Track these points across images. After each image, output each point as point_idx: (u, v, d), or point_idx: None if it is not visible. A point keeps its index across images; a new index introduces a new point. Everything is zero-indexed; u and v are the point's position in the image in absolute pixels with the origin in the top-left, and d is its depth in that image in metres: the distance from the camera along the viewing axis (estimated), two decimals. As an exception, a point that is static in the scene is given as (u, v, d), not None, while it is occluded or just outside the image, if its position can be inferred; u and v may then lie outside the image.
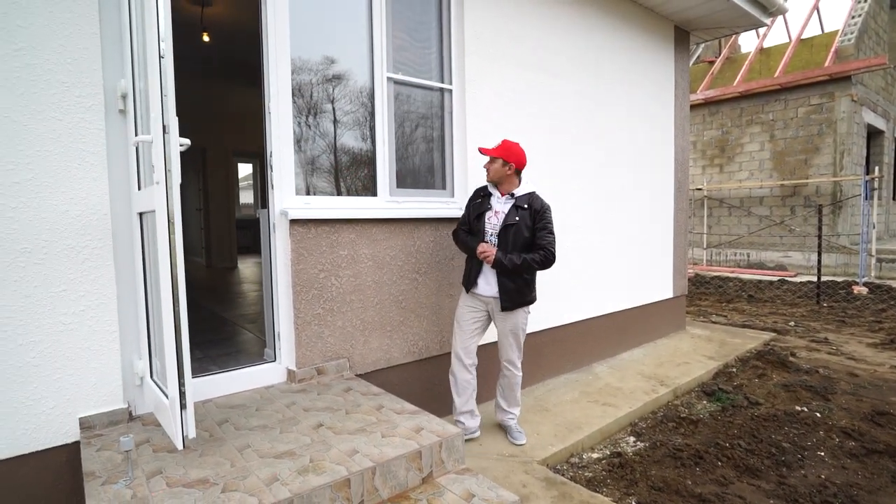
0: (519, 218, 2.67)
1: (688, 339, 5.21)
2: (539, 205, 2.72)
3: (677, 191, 5.31)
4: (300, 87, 2.68)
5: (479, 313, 2.85)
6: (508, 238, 2.67)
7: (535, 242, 2.70)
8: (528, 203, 2.71)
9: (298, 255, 2.58)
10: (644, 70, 4.73)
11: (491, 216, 2.75)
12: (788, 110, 10.32)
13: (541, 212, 2.71)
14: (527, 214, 2.69)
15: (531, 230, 2.70)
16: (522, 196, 2.73)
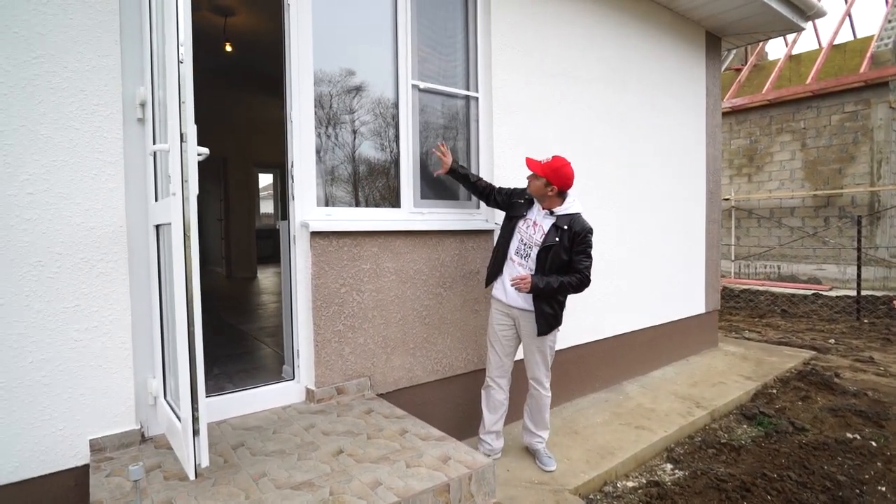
0: (559, 239, 2.53)
1: (722, 357, 4.96)
2: (580, 227, 2.56)
3: (709, 201, 5.09)
4: (322, 97, 2.60)
5: (511, 330, 2.72)
6: (546, 260, 2.54)
7: (572, 265, 2.56)
8: (568, 224, 2.55)
9: (319, 269, 2.47)
10: (674, 77, 4.56)
11: (528, 226, 2.63)
12: (821, 118, 9.97)
13: (581, 235, 2.55)
14: (566, 236, 2.54)
15: (569, 252, 2.55)
16: (564, 216, 2.58)
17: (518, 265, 2.63)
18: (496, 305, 2.75)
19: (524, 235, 2.63)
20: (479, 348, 3.14)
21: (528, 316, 2.63)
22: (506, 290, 2.67)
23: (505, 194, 2.82)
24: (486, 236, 3.15)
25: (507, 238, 2.68)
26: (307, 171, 2.50)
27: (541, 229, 2.59)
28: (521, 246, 2.63)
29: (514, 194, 2.78)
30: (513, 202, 2.75)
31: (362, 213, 2.70)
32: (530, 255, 2.59)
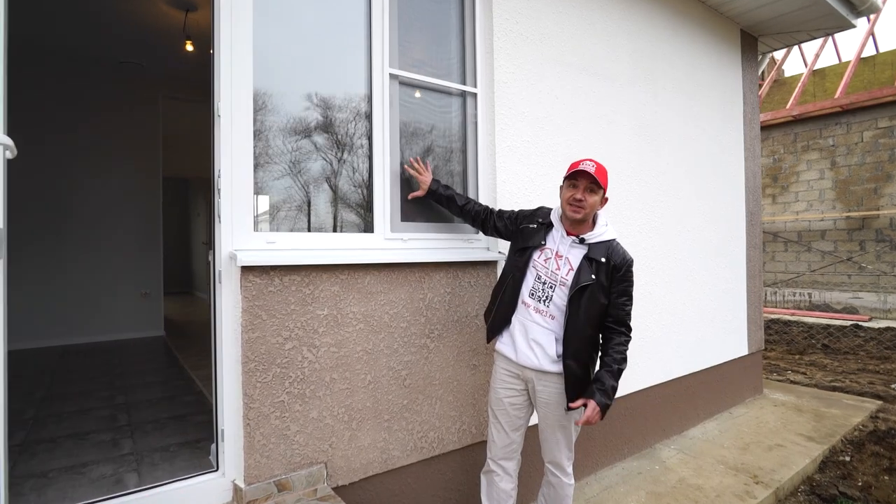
0: (595, 276, 1.86)
1: (771, 409, 4.17)
2: (621, 259, 1.90)
3: (749, 223, 4.38)
4: (265, 87, 1.95)
5: (522, 397, 2.01)
6: (581, 305, 1.85)
7: (611, 313, 1.89)
8: (606, 255, 1.89)
9: (253, 318, 1.78)
10: (707, 80, 3.91)
11: (547, 259, 1.95)
12: (852, 134, 9.27)
13: (623, 270, 1.90)
14: (604, 272, 1.87)
15: (607, 293, 1.88)
16: (599, 245, 1.91)
17: (535, 311, 1.94)
18: (502, 365, 2.05)
19: (543, 271, 1.94)
20: (479, 414, 2.41)
21: (551, 381, 1.93)
22: (515, 345, 1.97)
23: (509, 218, 2.15)
24: (487, 269, 2.46)
25: (518, 276, 1.99)
26: (241, 183, 1.84)
27: (567, 263, 1.91)
28: (539, 286, 1.94)
29: (523, 217, 2.11)
30: (522, 228, 2.07)
31: (319, 241, 2.02)
32: (551, 298, 1.91)
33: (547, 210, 2.09)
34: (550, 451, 2.02)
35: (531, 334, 1.94)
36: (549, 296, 1.92)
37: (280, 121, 1.97)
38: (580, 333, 1.87)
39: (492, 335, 2.08)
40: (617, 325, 1.91)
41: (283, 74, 1.99)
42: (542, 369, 1.92)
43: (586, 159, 1.91)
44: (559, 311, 1.91)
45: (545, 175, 2.69)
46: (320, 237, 2.02)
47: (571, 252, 1.92)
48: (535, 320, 1.93)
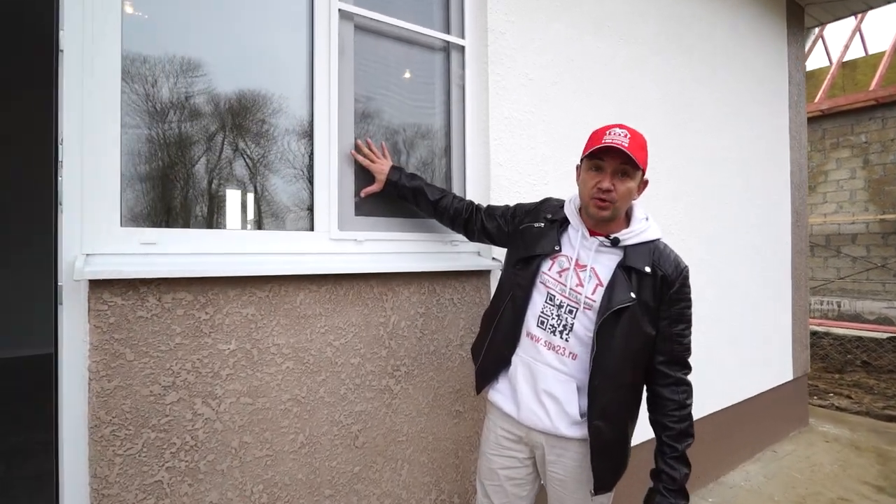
0: (636, 294, 1.24)
1: (822, 445, 3.50)
2: (673, 267, 1.29)
3: (795, 226, 3.72)
4: (148, 7, 1.34)
5: (526, 469, 1.40)
6: (616, 337, 1.24)
7: (662, 347, 1.30)
8: (651, 263, 1.27)
9: (110, 359, 1.17)
10: (749, 54, 3.26)
11: (562, 270, 1.33)
12: (887, 130, 8.54)
13: (678, 284, 1.29)
14: (649, 287, 1.26)
15: (655, 320, 1.27)
16: (639, 247, 1.29)
17: (546, 348, 1.32)
18: (498, 423, 1.43)
19: (557, 289, 1.32)
20: (464, 478, 1.79)
21: (569, 449, 1.32)
22: (518, 397, 1.35)
23: (503, 216, 1.54)
24: (477, 282, 1.84)
25: (521, 296, 1.36)
26: (99, 153, 1.23)
27: (593, 276, 1.29)
28: (552, 311, 1.32)
29: (523, 214, 1.50)
30: (523, 228, 1.45)
31: (227, 242, 1.40)
32: (571, 329, 1.29)
33: (557, 202, 1.47)
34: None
35: (541, 382, 1.31)
36: (568, 325, 1.29)
37: (172, 62, 1.36)
38: (615, 380, 1.25)
39: (483, 382, 1.46)
40: (671, 365, 1.30)
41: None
42: (556, 433, 1.30)
43: (614, 126, 1.26)
44: (583, 346, 1.29)
45: (553, 157, 2.07)
46: (229, 237, 1.40)
47: (599, 260, 1.30)
48: (548, 361, 1.31)
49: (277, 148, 1.52)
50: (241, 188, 1.47)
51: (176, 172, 1.36)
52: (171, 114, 1.35)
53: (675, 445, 1.28)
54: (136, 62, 1.30)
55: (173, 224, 1.35)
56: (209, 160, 1.41)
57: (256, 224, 1.49)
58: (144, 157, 1.31)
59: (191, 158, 1.38)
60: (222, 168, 1.44)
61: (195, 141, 1.39)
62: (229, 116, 1.44)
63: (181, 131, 1.37)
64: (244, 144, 1.47)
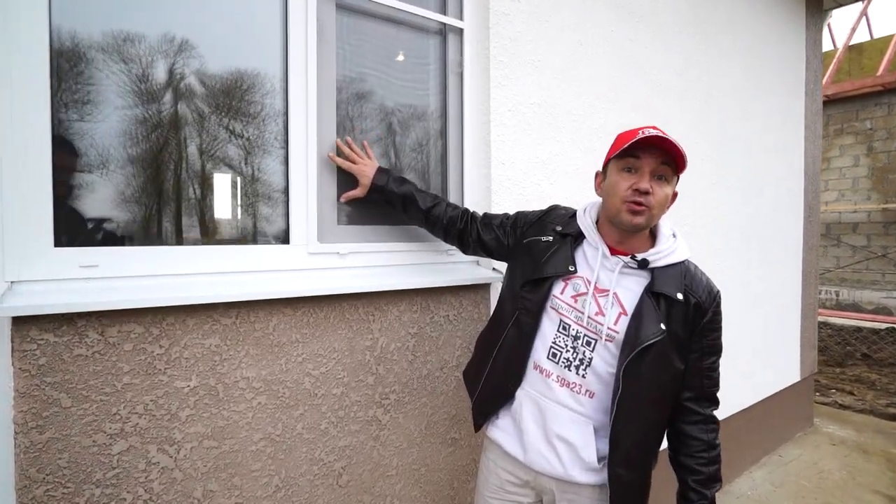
0: (665, 326, 1.06)
1: (828, 448, 3.39)
2: (706, 293, 1.12)
3: (807, 220, 3.55)
4: None
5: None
6: (643, 375, 1.06)
7: (691, 383, 1.14)
8: (684, 290, 1.10)
9: (41, 407, 0.99)
10: (768, 37, 3.04)
11: (577, 294, 1.14)
12: (893, 116, 8.35)
13: (711, 313, 1.12)
14: (680, 316, 1.09)
15: (685, 353, 1.10)
16: (669, 269, 1.11)
17: (559, 385, 1.14)
18: (500, 463, 1.25)
19: (572, 317, 1.14)
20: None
21: (584, 496, 1.16)
22: (524, 438, 1.17)
23: (501, 227, 1.34)
24: (475, 296, 1.65)
25: (529, 323, 1.18)
26: (27, 158, 1.02)
27: (616, 303, 1.11)
28: (566, 342, 1.14)
29: (526, 224, 1.30)
30: (528, 242, 1.25)
31: (185, 260, 1.20)
32: (589, 364, 1.12)
33: (566, 212, 1.27)
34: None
35: (553, 424, 1.13)
36: (586, 359, 1.12)
37: (115, 38, 1.14)
38: (641, 423, 1.10)
39: (481, 419, 1.28)
40: (700, 402, 1.14)
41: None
42: (569, 479, 1.13)
43: (648, 126, 1.07)
44: (603, 384, 1.12)
45: (563, 154, 1.87)
46: (187, 254, 1.20)
47: (622, 283, 1.12)
48: (561, 400, 1.13)
49: (249, 156, 1.31)
50: (204, 196, 1.26)
51: (125, 179, 1.16)
52: (113, 123, 1.14)
53: (703, 492, 1.13)
54: (76, 69, 1.08)
55: (125, 241, 1.14)
56: (165, 164, 1.21)
57: (221, 238, 1.29)
58: (85, 168, 1.10)
59: (143, 162, 1.18)
60: (181, 173, 1.23)
61: (147, 142, 1.18)
62: (191, 110, 1.23)
63: (128, 129, 1.16)
64: (209, 151, 1.26)
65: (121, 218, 1.15)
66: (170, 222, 1.21)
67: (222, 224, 1.29)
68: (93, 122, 1.11)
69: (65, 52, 1.07)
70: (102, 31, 1.11)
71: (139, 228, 1.17)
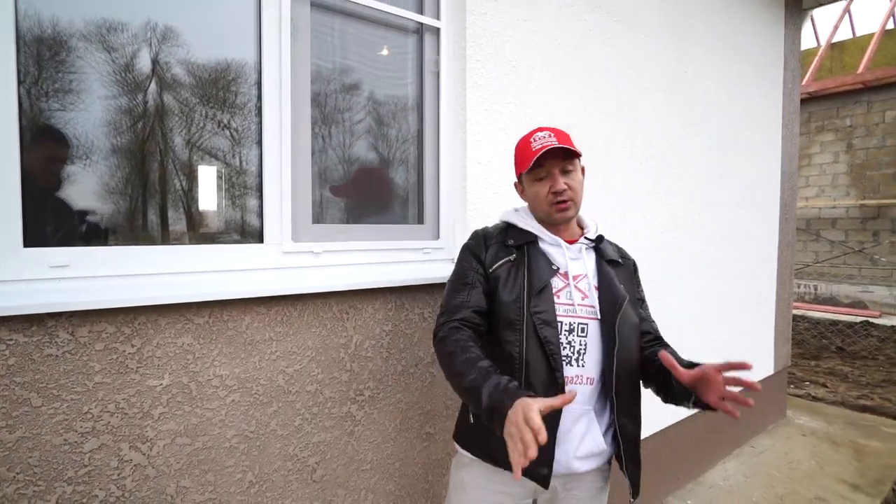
0: (623, 286, 1.23)
1: (799, 440, 3.50)
2: (630, 257, 1.37)
3: (783, 217, 3.63)
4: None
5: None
6: (624, 334, 1.17)
7: (648, 328, 1.32)
8: (620, 255, 1.32)
9: (12, 406, 0.99)
10: (747, 37, 3.08)
11: (557, 288, 1.19)
12: (872, 114, 8.51)
13: (636, 270, 1.36)
14: (625, 276, 1.27)
15: (637, 307, 1.29)
16: (605, 243, 1.29)
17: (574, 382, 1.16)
18: (494, 478, 1.21)
19: (568, 314, 1.17)
20: (435, 501, 1.67)
21: (584, 481, 1.22)
22: None
23: (471, 285, 1.21)
24: (450, 292, 1.67)
25: (552, 333, 1.14)
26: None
27: (589, 283, 1.20)
28: (561, 339, 1.15)
29: (475, 255, 1.24)
30: (495, 272, 1.21)
31: (157, 261, 1.21)
32: (585, 351, 1.17)
33: (495, 228, 1.29)
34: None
35: (559, 425, 1.14)
36: (583, 348, 1.16)
37: (89, 42, 1.14)
38: (631, 370, 1.21)
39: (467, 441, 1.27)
40: (659, 339, 1.31)
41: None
42: (573, 472, 1.17)
43: (535, 132, 1.21)
44: (595, 364, 1.17)
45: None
46: (159, 254, 1.21)
47: (587, 264, 1.23)
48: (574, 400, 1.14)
49: (222, 152, 1.32)
50: (177, 196, 1.26)
51: (97, 179, 1.16)
52: (84, 117, 1.13)
53: None
54: (44, 57, 1.07)
55: (90, 241, 1.15)
56: (136, 161, 1.21)
57: (194, 237, 1.29)
58: (53, 167, 1.10)
59: (116, 163, 1.18)
60: (156, 172, 1.23)
61: (119, 137, 1.18)
62: (160, 105, 1.23)
63: (106, 133, 1.16)
64: (178, 149, 1.26)
65: (92, 218, 1.16)
66: (142, 222, 1.21)
67: (195, 223, 1.30)
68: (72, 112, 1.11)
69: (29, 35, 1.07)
70: (71, 16, 1.11)
71: (110, 228, 1.18)
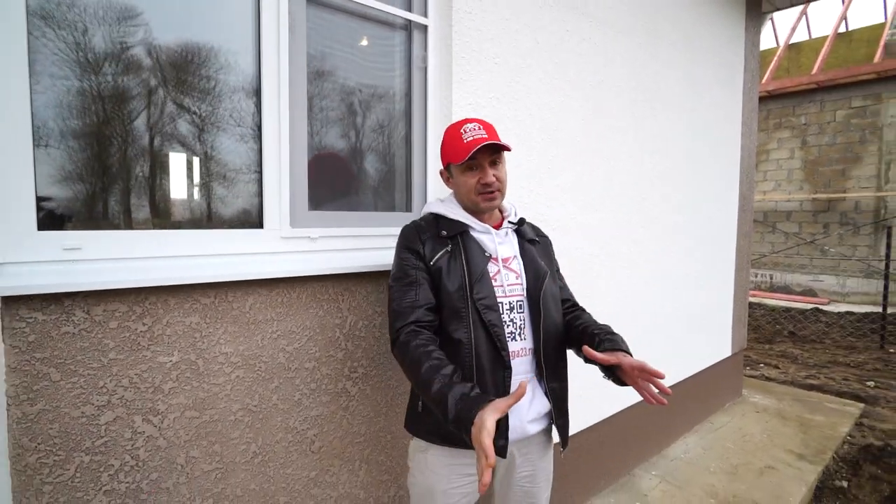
0: (542, 261, 1.37)
1: (753, 416, 3.77)
2: (545, 234, 1.51)
3: (741, 209, 3.87)
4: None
5: (471, 481, 1.35)
6: (549, 297, 1.32)
7: (566, 296, 1.47)
8: (536, 233, 1.46)
9: (32, 381, 1.05)
10: (709, 39, 3.27)
11: (497, 271, 1.30)
12: (825, 113, 9.00)
13: (551, 244, 1.50)
14: (542, 252, 1.42)
15: (555, 277, 1.42)
16: (527, 225, 1.46)
17: (518, 360, 1.27)
18: (457, 460, 1.28)
19: (505, 294, 1.29)
20: (422, 472, 1.78)
21: (534, 442, 1.36)
22: None
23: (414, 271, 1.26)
24: (436, 276, 1.78)
25: (496, 317, 1.24)
26: (7, 141, 1.06)
27: (518, 263, 1.34)
28: (505, 318, 1.27)
29: (414, 251, 1.28)
30: (436, 265, 1.25)
31: (163, 243, 1.27)
32: (525, 324, 1.30)
33: (426, 221, 1.33)
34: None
35: None
36: (525, 322, 1.30)
37: (99, 39, 1.18)
38: (556, 337, 1.33)
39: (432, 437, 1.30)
40: (576, 305, 1.47)
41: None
42: (526, 434, 1.29)
43: (464, 122, 1.30)
44: (530, 334, 1.30)
45: (521, 146, 2.01)
46: (167, 238, 1.27)
47: (513, 247, 1.36)
48: (517, 371, 1.27)
49: (223, 142, 1.38)
50: (182, 183, 1.33)
51: (104, 169, 1.21)
52: (91, 109, 1.18)
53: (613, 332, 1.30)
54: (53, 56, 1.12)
55: (104, 226, 1.20)
56: (142, 154, 1.26)
57: (199, 223, 1.36)
58: (64, 154, 1.15)
59: (119, 148, 1.23)
60: (157, 163, 1.29)
61: (122, 127, 1.23)
62: (166, 96, 1.29)
63: (106, 112, 1.21)
64: (185, 139, 1.32)
65: (102, 203, 1.21)
66: (150, 208, 1.27)
67: (201, 209, 1.36)
68: (78, 94, 1.16)
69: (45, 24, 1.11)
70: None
71: (120, 213, 1.23)
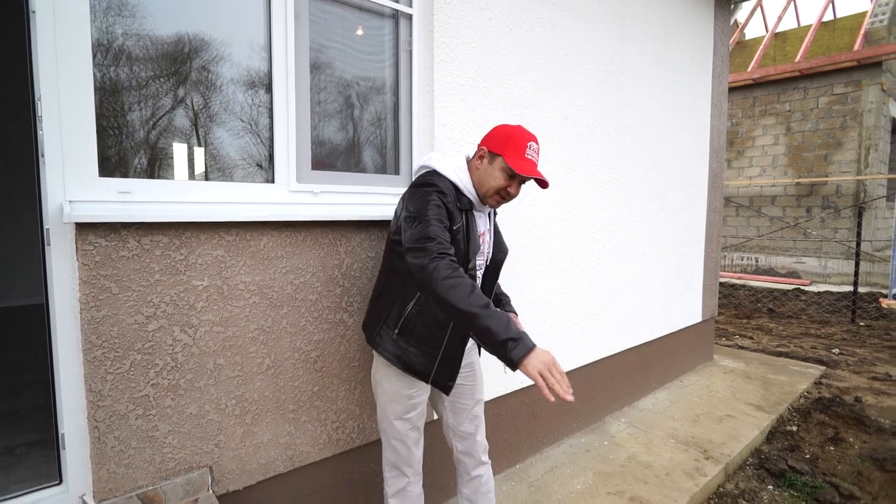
0: (502, 236, 1.79)
1: (720, 376, 4.10)
2: None
3: (711, 185, 4.17)
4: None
5: (424, 395, 1.66)
6: (497, 275, 1.74)
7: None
8: (495, 210, 1.74)
9: (97, 292, 1.35)
10: (678, 25, 3.55)
11: (483, 245, 1.65)
12: (808, 100, 9.28)
13: None
14: (496, 227, 1.76)
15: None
16: None
17: None
18: (415, 384, 1.58)
19: (480, 259, 1.65)
20: (410, 397, 2.09)
21: (475, 365, 1.74)
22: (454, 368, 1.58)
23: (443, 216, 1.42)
24: (421, 230, 2.08)
25: None
26: (76, 108, 1.35)
27: (489, 237, 1.70)
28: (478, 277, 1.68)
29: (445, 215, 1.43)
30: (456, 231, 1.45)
31: (196, 192, 1.57)
32: (479, 284, 1.71)
33: (446, 187, 1.45)
34: (480, 438, 1.73)
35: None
36: (481, 283, 1.69)
37: (138, 22, 1.47)
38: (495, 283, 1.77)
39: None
40: None
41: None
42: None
43: (530, 139, 1.47)
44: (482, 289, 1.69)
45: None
46: (198, 187, 1.57)
47: (487, 222, 1.68)
48: None
49: (242, 112, 1.67)
50: (211, 146, 1.62)
51: (148, 130, 1.50)
52: (137, 83, 1.47)
53: None
54: (107, 39, 1.40)
55: (150, 175, 1.50)
56: (178, 119, 1.56)
57: (221, 174, 1.65)
58: (118, 117, 1.44)
59: (159, 118, 1.52)
60: (190, 127, 1.58)
61: (164, 98, 1.53)
62: (197, 79, 1.58)
63: (149, 86, 1.50)
64: (212, 108, 1.62)
65: (150, 158, 1.51)
66: (187, 162, 1.57)
67: (227, 166, 1.66)
68: (123, 84, 1.45)
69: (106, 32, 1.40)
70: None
71: (166, 164, 1.53)
